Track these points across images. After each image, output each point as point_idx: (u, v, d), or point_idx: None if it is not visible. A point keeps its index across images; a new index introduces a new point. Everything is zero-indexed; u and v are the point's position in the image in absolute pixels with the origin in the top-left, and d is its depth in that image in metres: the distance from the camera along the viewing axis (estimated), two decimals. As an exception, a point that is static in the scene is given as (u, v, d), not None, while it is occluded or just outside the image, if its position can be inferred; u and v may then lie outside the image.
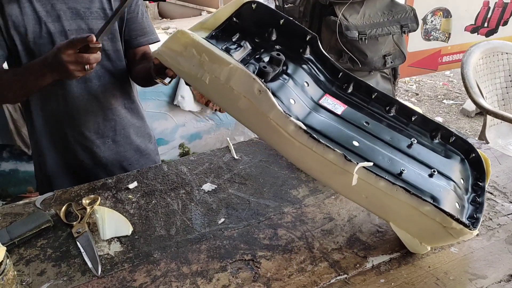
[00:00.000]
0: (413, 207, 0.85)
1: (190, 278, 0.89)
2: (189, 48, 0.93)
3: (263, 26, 1.06)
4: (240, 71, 0.89)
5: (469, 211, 0.93)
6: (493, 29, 3.46)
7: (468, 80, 2.29)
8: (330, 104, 1.02)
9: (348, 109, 1.03)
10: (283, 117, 0.87)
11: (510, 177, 1.19)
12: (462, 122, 3.77)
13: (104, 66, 1.29)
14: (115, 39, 1.30)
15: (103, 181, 1.22)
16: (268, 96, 0.87)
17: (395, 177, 0.91)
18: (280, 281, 0.88)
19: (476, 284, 0.86)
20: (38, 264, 0.94)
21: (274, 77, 0.98)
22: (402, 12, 2.22)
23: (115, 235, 1.01)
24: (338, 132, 0.96)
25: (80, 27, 1.23)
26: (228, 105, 0.96)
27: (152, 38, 1.42)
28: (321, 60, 1.08)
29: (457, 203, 0.92)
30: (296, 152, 0.90)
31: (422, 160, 0.98)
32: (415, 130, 1.04)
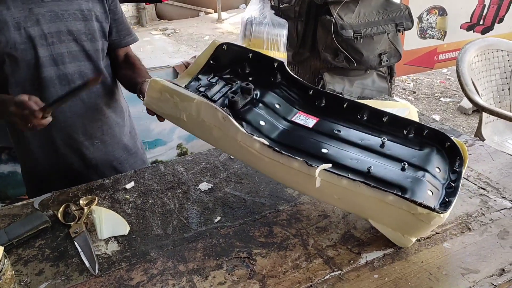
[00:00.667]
0: (379, 200, 0.89)
1: (187, 276, 0.91)
2: (163, 93, 1.06)
3: (236, 62, 1.18)
4: (204, 104, 1.01)
5: (443, 196, 0.95)
6: (489, 26, 3.47)
7: (463, 78, 2.30)
8: (302, 119, 1.12)
9: (320, 122, 1.11)
10: (248, 137, 0.97)
11: (503, 173, 1.21)
12: (459, 119, 3.78)
13: (86, 66, 1.30)
14: (94, 39, 1.30)
15: (100, 181, 1.23)
16: (231, 121, 0.97)
17: (363, 175, 0.96)
18: (275, 278, 0.89)
19: (468, 278, 0.87)
20: (36, 264, 0.95)
21: (246, 105, 1.09)
22: (396, 10, 2.23)
23: (112, 235, 1.02)
24: (308, 143, 1.05)
25: (59, 29, 1.24)
26: (206, 137, 1.09)
27: (135, 37, 1.47)
28: (292, 82, 1.16)
29: (430, 190, 0.94)
30: (267, 167, 0.99)
31: (394, 156, 1.02)
32: (388, 129, 1.08)
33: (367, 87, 2.35)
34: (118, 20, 1.38)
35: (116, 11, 1.37)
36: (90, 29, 1.28)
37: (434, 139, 1.05)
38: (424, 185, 0.95)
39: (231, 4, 7.53)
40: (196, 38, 6.39)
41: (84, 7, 1.27)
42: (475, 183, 1.16)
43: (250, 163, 1.06)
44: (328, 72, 2.31)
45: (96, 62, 1.32)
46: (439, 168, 1.01)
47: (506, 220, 1.02)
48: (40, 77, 1.23)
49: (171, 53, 2.23)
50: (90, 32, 1.28)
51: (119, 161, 1.45)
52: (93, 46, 1.30)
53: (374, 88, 2.36)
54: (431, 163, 1.01)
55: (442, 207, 0.91)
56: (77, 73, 1.28)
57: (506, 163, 1.25)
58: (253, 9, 2.27)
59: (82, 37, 1.27)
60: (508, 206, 1.07)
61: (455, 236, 0.98)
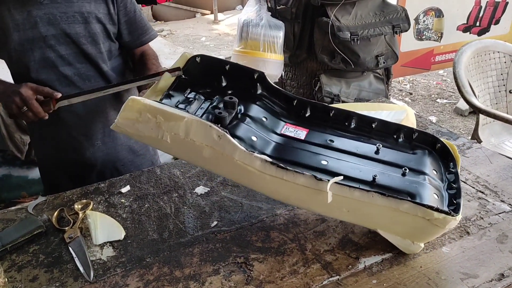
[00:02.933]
0: (393, 209, 0.87)
1: (183, 282, 0.90)
2: (143, 113, 0.95)
3: (212, 75, 1.11)
4: (195, 122, 0.93)
5: (447, 198, 0.94)
6: (485, 28, 3.48)
7: (460, 79, 2.30)
8: (291, 132, 1.06)
9: (310, 132, 1.06)
10: (247, 155, 0.90)
11: (501, 176, 1.20)
12: (455, 121, 3.78)
13: (87, 68, 1.30)
14: (95, 42, 1.29)
15: (95, 185, 1.22)
16: (228, 139, 0.90)
17: (369, 185, 0.93)
18: (272, 284, 0.88)
19: (467, 283, 0.87)
20: (30, 270, 0.94)
21: (231, 120, 1.01)
22: (393, 12, 2.22)
23: (107, 240, 1.01)
24: (305, 156, 1.00)
25: (56, 32, 1.24)
26: (193, 158, 1.01)
27: (152, 35, 1.44)
28: (274, 93, 1.11)
29: (435, 194, 0.93)
30: (269, 185, 0.93)
31: (392, 162, 1.00)
32: (378, 135, 1.07)
33: (364, 89, 2.34)
34: (129, 20, 1.36)
35: (126, 11, 1.35)
36: (91, 31, 1.27)
37: (425, 141, 1.04)
38: (428, 189, 0.93)
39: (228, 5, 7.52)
40: (192, 40, 6.38)
41: (85, 9, 1.27)
42: (474, 187, 1.16)
43: (247, 183, 0.99)
44: (325, 74, 2.30)
45: (98, 64, 1.31)
46: (435, 170, 1.00)
47: (505, 224, 1.02)
48: (39, 79, 1.24)
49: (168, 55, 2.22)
50: (90, 35, 1.28)
51: (122, 162, 1.45)
52: (95, 48, 1.30)
53: (371, 90, 2.35)
54: (428, 166, 1.00)
55: (452, 209, 0.90)
56: (77, 75, 1.29)
57: (504, 166, 1.25)
58: (249, 10, 2.26)
59: (82, 40, 1.27)
60: (506, 210, 1.06)
61: (454, 240, 0.98)
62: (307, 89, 2.42)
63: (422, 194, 0.91)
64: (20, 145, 2.25)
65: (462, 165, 1.25)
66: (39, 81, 1.23)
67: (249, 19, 2.22)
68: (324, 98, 2.26)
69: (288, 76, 2.52)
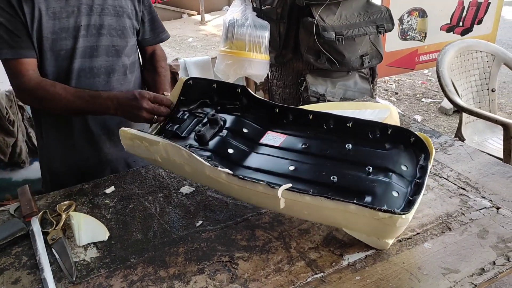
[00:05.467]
0: (343, 210, 0.90)
1: (168, 281, 0.89)
2: (134, 140, 1.11)
3: (204, 94, 1.24)
4: (168, 145, 1.04)
5: (408, 195, 0.95)
6: (468, 28, 3.53)
7: (443, 79, 2.33)
8: (270, 139, 1.13)
9: (287, 138, 1.12)
10: (214, 170, 0.99)
11: (482, 172, 1.22)
12: (440, 120, 3.83)
13: (114, 62, 1.33)
14: (124, 36, 1.34)
15: (79, 186, 1.21)
16: (195, 158, 1.00)
17: (328, 187, 0.98)
18: (257, 282, 0.88)
19: (449, 278, 0.88)
20: (13, 272, 0.93)
21: (214, 135, 1.13)
22: (377, 12, 2.24)
23: (91, 241, 1.00)
24: (276, 163, 1.07)
25: (91, 23, 1.27)
26: (181, 173, 1.16)
27: (167, 34, 1.53)
28: (257, 103, 1.19)
29: (395, 191, 0.95)
30: (238, 192, 1.02)
31: (360, 161, 1.02)
32: (354, 134, 1.08)
33: (350, 89, 2.36)
34: (152, 19, 1.45)
35: (150, 10, 1.44)
36: (121, 25, 1.33)
37: (400, 136, 1.04)
38: (389, 186, 0.95)
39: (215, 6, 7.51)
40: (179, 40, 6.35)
41: (117, 3, 1.32)
42: (455, 183, 1.18)
43: (223, 191, 1.10)
44: (311, 73, 2.31)
45: (123, 58, 1.35)
46: (406, 165, 1.01)
47: (486, 220, 1.04)
48: (70, 67, 1.26)
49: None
50: (120, 28, 1.32)
51: (134, 158, 1.45)
52: (123, 42, 1.34)
53: (357, 89, 2.37)
54: (398, 162, 1.01)
55: (407, 206, 0.92)
56: (104, 67, 1.32)
57: (485, 163, 1.27)
58: (235, 10, 2.26)
59: (113, 32, 1.31)
60: (487, 206, 1.08)
61: (436, 236, 0.99)
62: (293, 89, 2.43)
63: (379, 193, 0.94)
64: (4, 147, 2.22)
65: (444, 162, 1.27)
66: (65, 70, 1.26)
67: (234, 19, 2.22)
68: (310, 98, 2.28)
69: (274, 76, 2.53)
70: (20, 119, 2.28)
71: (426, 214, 1.06)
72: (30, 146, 2.35)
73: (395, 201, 0.93)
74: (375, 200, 0.93)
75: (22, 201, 1.11)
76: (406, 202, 0.94)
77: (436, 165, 1.26)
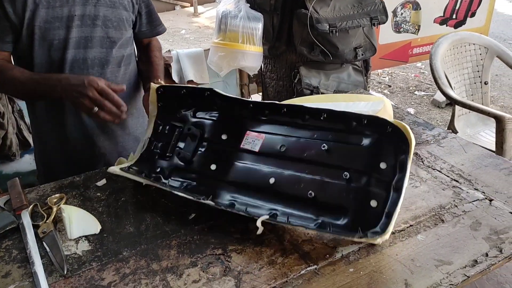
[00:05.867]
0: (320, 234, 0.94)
1: (160, 274, 0.89)
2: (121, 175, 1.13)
3: (180, 100, 1.19)
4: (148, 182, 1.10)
5: (390, 202, 0.91)
6: (461, 20, 3.53)
7: (436, 71, 2.33)
8: (249, 143, 1.10)
9: (265, 140, 1.08)
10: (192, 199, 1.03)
11: (475, 164, 1.22)
12: (433, 112, 3.84)
13: (108, 53, 1.31)
14: (119, 27, 1.31)
15: (70, 179, 1.19)
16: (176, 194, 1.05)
17: (308, 203, 0.98)
18: (250, 274, 0.88)
19: (442, 270, 0.88)
20: (3, 266, 0.92)
21: (196, 149, 1.14)
22: (371, 4, 2.23)
23: (83, 234, 0.99)
24: (257, 175, 1.05)
25: (85, 13, 1.25)
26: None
27: (164, 27, 1.53)
28: (230, 102, 1.15)
29: (374, 200, 0.92)
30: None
31: (336, 165, 0.98)
32: (329, 128, 1.02)
33: (343, 81, 2.36)
34: (149, 12, 1.44)
35: (147, 3, 1.43)
36: (117, 16, 1.31)
37: (376, 127, 0.96)
38: (367, 196, 0.93)
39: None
40: (172, 32, 6.31)
41: None
42: (448, 175, 1.18)
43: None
44: (304, 65, 2.30)
45: (118, 50, 1.33)
46: (385, 162, 0.94)
47: (478, 212, 1.04)
48: (62, 58, 1.24)
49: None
50: (116, 20, 1.30)
51: (128, 152, 1.43)
52: (118, 34, 1.31)
53: (350, 81, 2.37)
54: (376, 159, 0.94)
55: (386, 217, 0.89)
56: (98, 59, 1.30)
57: (478, 155, 1.27)
58: (228, 2, 2.24)
59: (108, 24, 1.28)
60: (480, 198, 1.09)
61: (429, 228, 0.99)
62: (286, 81, 2.42)
63: (359, 204, 0.93)
64: (-7, 140, 2.19)
65: (437, 155, 1.27)
66: (58, 61, 1.24)
67: (227, 11, 2.20)
68: (303, 90, 2.27)
69: (268, 68, 2.51)
70: (10, 111, 2.25)
71: (419, 206, 1.06)
72: (21, 138, 2.32)
73: (374, 213, 0.91)
74: (354, 214, 0.92)
75: (12, 194, 1.09)
76: (385, 214, 0.90)
77: (430, 157, 1.26)
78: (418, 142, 1.34)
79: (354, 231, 0.90)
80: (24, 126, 2.32)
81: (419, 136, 1.37)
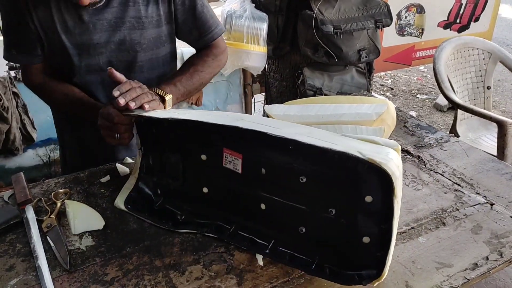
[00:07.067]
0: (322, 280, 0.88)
1: (163, 271, 0.89)
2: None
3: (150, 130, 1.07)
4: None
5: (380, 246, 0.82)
6: (465, 25, 3.53)
7: (439, 75, 2.34)
8: (230, 162, 0.96)
9: (244, 160, 0.94)
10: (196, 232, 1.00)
11: (477, 169, 1.23)
12: (435, 116, 3.85)
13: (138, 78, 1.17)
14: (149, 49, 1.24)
15: (74, 175, 1.20)
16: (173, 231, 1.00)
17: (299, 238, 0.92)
18: (252, 273, 0.89)
19: (442, 272, 0.89)
20: (7, 260, 0.92)
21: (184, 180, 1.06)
22: (376, 7, 2.24)
23: (86, 230, 1.00)
24: (247, 198, 0.97)
25: (109, 39, 1.17)
26: None
27: (216, 32, 1.31)
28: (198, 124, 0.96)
29: (366, 236, 0.84)
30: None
31: (321, 200, 0.88)
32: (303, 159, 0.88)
33: (346, 83, 2.36)
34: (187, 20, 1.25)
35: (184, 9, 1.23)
36: (147, 37, 1.21)
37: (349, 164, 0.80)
38: (358, 233, 0.84)
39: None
40: (175, 31, 6.30)
41: (141, 13, 1.17)
42: (450, 179, 1.18)
43: None
44: (308, 67, 2.31)
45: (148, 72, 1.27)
46: (371, 196, 0.82)
47: (480, 216, 1.05)
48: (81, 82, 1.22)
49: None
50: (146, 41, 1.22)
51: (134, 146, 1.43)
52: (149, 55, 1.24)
53: (353, 84, 2.38)
54: (360, 194, 0.82)
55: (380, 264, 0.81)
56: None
57: (480, 159, 1.27)
58: (233, 2, 2.25)
59: (136, 47, 1.20)
60: (481, 202, 1.09)
61: (430, 231, 1.00)
62: (290, 82, 2.42)
63: (351, 242, 0.86)
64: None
65: (439, 158, 1.28)
66: (80, 84, 1.22)
67: (232, 10, 2.21)
68: (307, 91, 2.27)
69: (271, 69, 2.52)
70: (14, 105, 2.25)
71: (421, 209, 1.07)
72: (24, 133, 2.33)
73: (368, 251, 0.84)
74: (348, 253, 0.87)
75: (16, 188, 1.10)
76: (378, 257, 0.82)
77: (432, 160, 1.27)
78: (421, 146, 1.34)
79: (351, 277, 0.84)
80: (27, 121, 2.33)
81: (421, 139, 1.38)
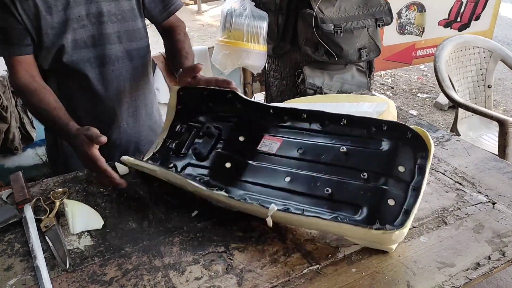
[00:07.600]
0: (337, 227, 0.89)
1: (162, 271, 0.89)
2: (133, 166, 1.14)
3: (199, 102, 1.19)
4: (161, 171, 1.07)
5: (407, 202, 0.91)
6: (466, 23, 3.53)
7: (440, 74, 2.33)
8: (266, 146, 1.10)
9: (283, 144, 1.08)
10: (211, 192, 1.00)
11: (478, 168, 1.22)
12: (435, 115, 3.84)
13: (118, 49, 1.29)
14: (125, 21, 1.28)
15: (73, 174, 1.19)
16: (191, 183, 1.01)
17: (324, 199, 0.97)
18: (252, 273, 0.88)
19: (444, 272, 0.88)
20: (5, 259, 0.92)
21: (212, 148, 1.14)
22: (376, 5, 2.23)
23: (85, 229, 0.99)
24: (272, 174, 1.05)
25: (89, 12, 1.22)
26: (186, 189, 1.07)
27: (179, 4, 1.40)
28: (250, 106, 1.16)
29: (392, 199, 0.92)
30: (241, 207, 0.99)
31: (355, 166, 0.99)
32: (348, 132, 1.04)
33: (347, 82, 2.35)
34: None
35: None
36: (120, 9, 1.27)
37: (396, 132, 0.99)
38: (385, 194, 0.93)
39: (211, -5, 7.45)
40: (175, 30, 6.29)
41: None
42: (452, 178, 1.18)
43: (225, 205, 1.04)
44: (308, 65, 2.30)
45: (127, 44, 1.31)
46: (404, 166, 0.95)
47: (481, 215, 1.04)
48: (71, 60, 1.23)
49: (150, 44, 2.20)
50: (120, 13, 1.27)
51: (143, 142, 1.44)
52: (125, 27, 1.29)
53: (354, 82, 2.37)
54: (394, 163, 0.96)
55: (404, 215, 0.89)
56: (108, 56, 1.28)
57: (481, 158, 1.27)
58: (233, 0, 2.24)
59: (113, 18, 1.26)
60: (483, 201, 1.08)
61: (432, 230, 0.99)
62: (290, 80, 2.42)
63: (376, 202, 0.92)
64: (-5, 134, 2.20)
65: (441, 157, 1.27)
66: (70, 63, 1.23)
67: (232, 9, 2.20)
68: (307, 90, 2.27)
69: (272, 68, 2.51)
70: (14, 105, 2.25)
71: (422, 208, 1.06)
72: (24, 132, 2.33)
73: (391, 211, 0.91)
74: (371, 211, 0.92)
75: (15, 187, 1.09)
76: (403, 211, 0.90)
77: (433, 159, 1.26)
78: (422, 144, 1.33)
79: (371, 224, 0.89)
80: (27, 120, 2.33)
81: (422, 138, 1.37)
